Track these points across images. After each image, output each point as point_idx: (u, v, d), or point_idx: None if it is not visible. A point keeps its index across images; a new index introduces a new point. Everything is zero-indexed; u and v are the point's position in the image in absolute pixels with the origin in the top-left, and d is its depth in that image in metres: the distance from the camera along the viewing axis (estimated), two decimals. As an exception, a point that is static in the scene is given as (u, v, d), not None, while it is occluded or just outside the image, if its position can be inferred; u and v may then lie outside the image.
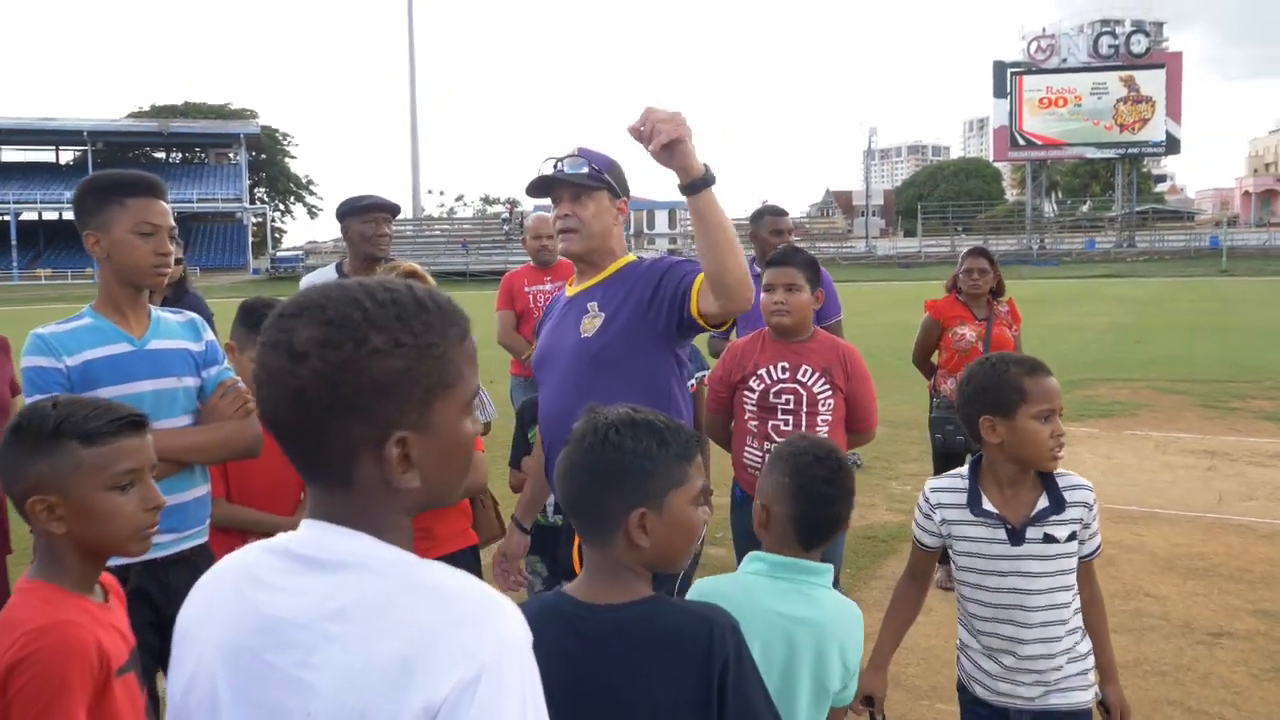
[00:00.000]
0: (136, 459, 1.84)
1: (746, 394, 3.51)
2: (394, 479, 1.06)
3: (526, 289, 5.83)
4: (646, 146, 2.26)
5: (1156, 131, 60.16)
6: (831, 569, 2.03)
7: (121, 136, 76.51)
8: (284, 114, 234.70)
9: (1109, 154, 63.64)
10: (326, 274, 4.62)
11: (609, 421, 1.55)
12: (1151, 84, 59.88)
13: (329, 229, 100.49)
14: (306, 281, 4.63)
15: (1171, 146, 60.98)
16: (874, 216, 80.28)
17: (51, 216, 72.75)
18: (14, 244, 64.32)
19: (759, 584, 1.95)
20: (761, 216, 5.50)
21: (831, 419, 3.44)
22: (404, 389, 1.05)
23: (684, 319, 2.56)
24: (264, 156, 79.97)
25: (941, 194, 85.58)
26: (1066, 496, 2.36)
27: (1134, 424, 9.78)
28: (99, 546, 1.82)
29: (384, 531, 1.08)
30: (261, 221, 74.65)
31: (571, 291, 2.84)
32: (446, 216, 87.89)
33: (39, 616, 1.66)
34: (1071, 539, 2.36)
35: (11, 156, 77.33)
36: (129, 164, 76.74)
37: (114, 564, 2.52)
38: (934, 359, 5.39)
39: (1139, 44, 59.76)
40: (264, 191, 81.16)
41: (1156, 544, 5.88)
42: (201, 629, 1.11)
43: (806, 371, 3.45)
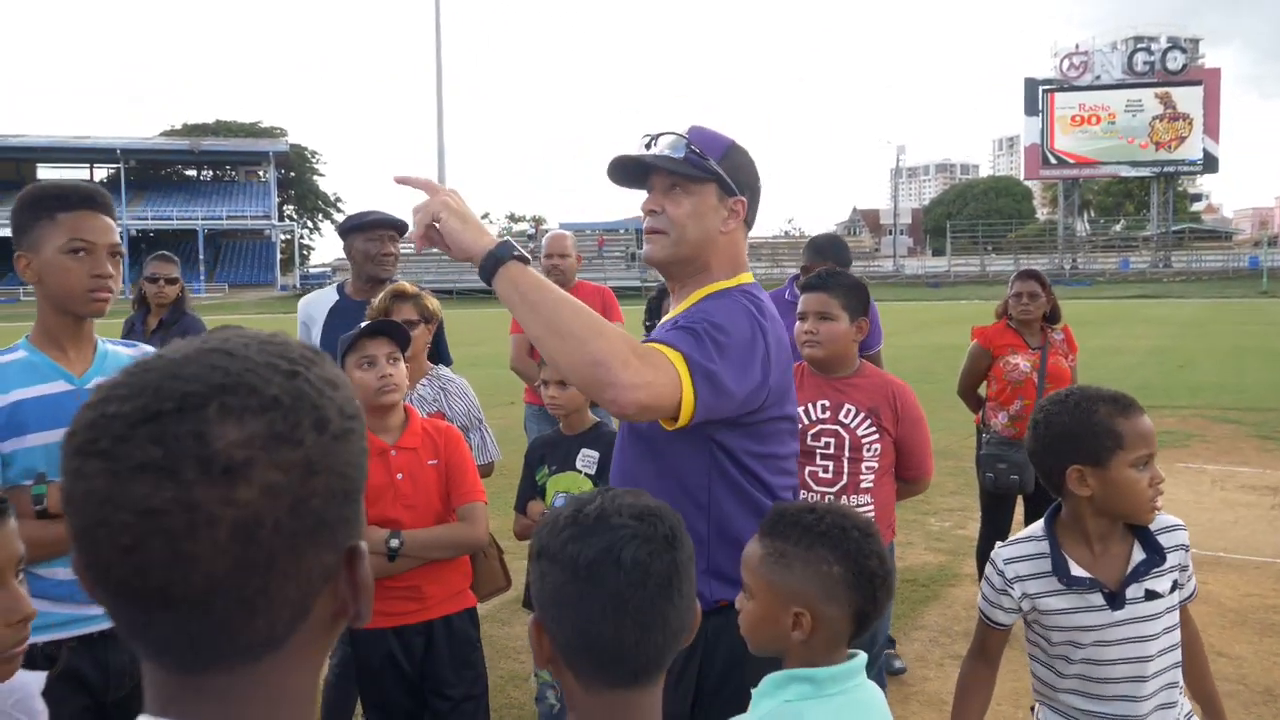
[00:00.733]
0: None
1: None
2: (350, 611, 0.74)
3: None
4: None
5: (1193, 149, 59.15)
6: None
7: (154, 154, 77.18)
8: (313, 132, 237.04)
9: (1144, 172, 62.65)
10: (326, 297, 4.27)
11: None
12: (1188, 101, 58.91)
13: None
14: (304, 304, 4.28)
15: (1209, 165, 59.93)
16: (902, 235, 79.48)
17: (84, 233, 73.41)
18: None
19: (819, 712, 1.50)
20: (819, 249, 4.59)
21: (878, 466, 3.03)
22: (362, 479, 0.76)
23: None
24: (293, 174, 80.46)
25: (971, 213, 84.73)
26: (1163, 541, 2.04)
27: (1187, 456, 9.25)
28: None
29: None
30: (290, 239, 74.99)
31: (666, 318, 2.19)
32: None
33: None
34: (1174, 589, 2.06)
35: (47, 174, 78.25)
36: (161, 181, 77.92)
37: (44, 639, 2.17)
38: (982, 390, 4.95)
39: (1175, 60, 58.84)
40: (293, 209, 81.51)
41: (1225, 594, 5.39)
42: None
43: (849, 412, 3.05)
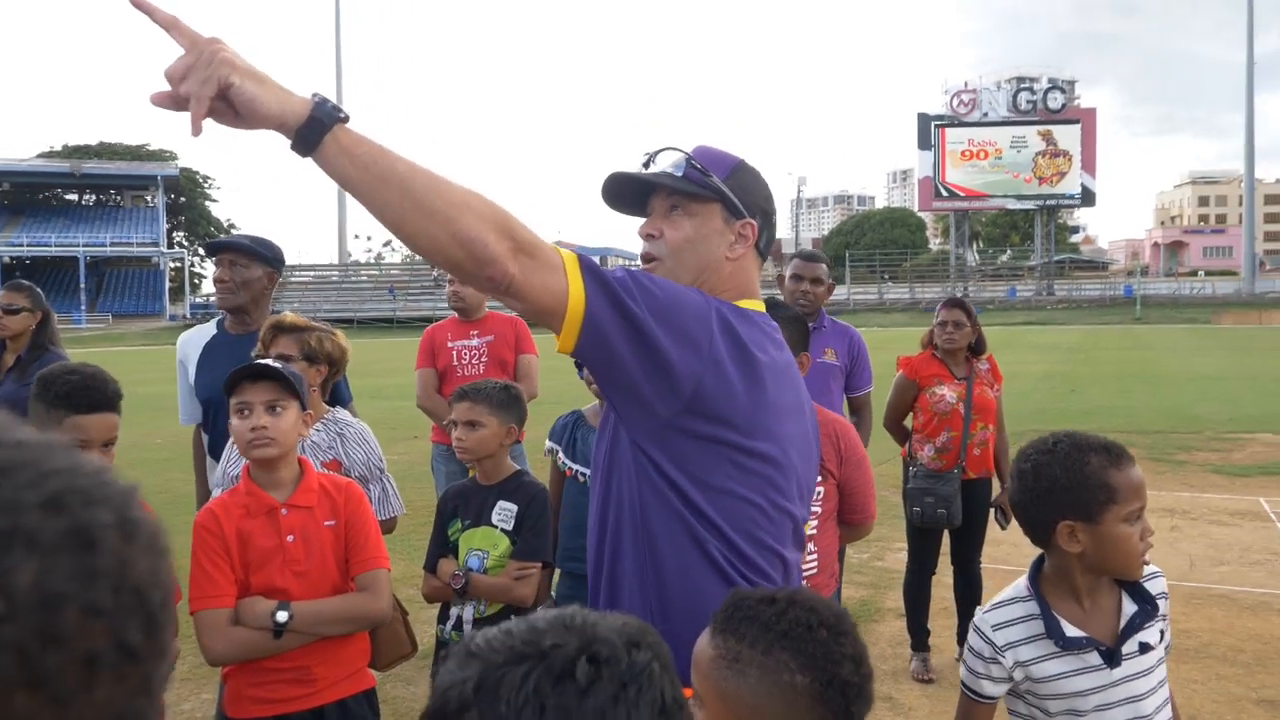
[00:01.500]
0: None
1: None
2: None
3: (450, 344, 5.13)
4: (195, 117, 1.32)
5: (1073, 184, 61.91)
6: None
7: (31, 177, 73.50)
8: (206, 156, 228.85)
9: (1028, 205, 65.30)
10: (204, 332, 3.88)
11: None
12: (1068, 138, 61.73)
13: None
14: (181, 341, 3.89)
15: (1087, 199, 62.78)
16: (791, 268, 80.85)
17: (-46, 258, 69.69)
18: (-89, 288, 61.09)
19: None
20: (792, 259, 4.66)
21: (821, 510, 2.85)
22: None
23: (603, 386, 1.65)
24: (183, 199, 77.73)
25: (868, 242, 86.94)
26: (1150, 588, 1.91)
27: (1088, 481, 9.39)
28: None
29: None
30: (180, 267, 72.30)
31: None
32: (374, 262, 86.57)
33: None
34: (1161, 637, 1.92)
35: (-89, 197, 74.03)
36: (38, 205, 74.42)
37: None
38: (908, 422, 4.84)
39: (1055, 100, 61.66)
40: (183, 236, 78.81)
41: (1143, 622, 5.37)
42: None
43: (789, 453, 2.84)
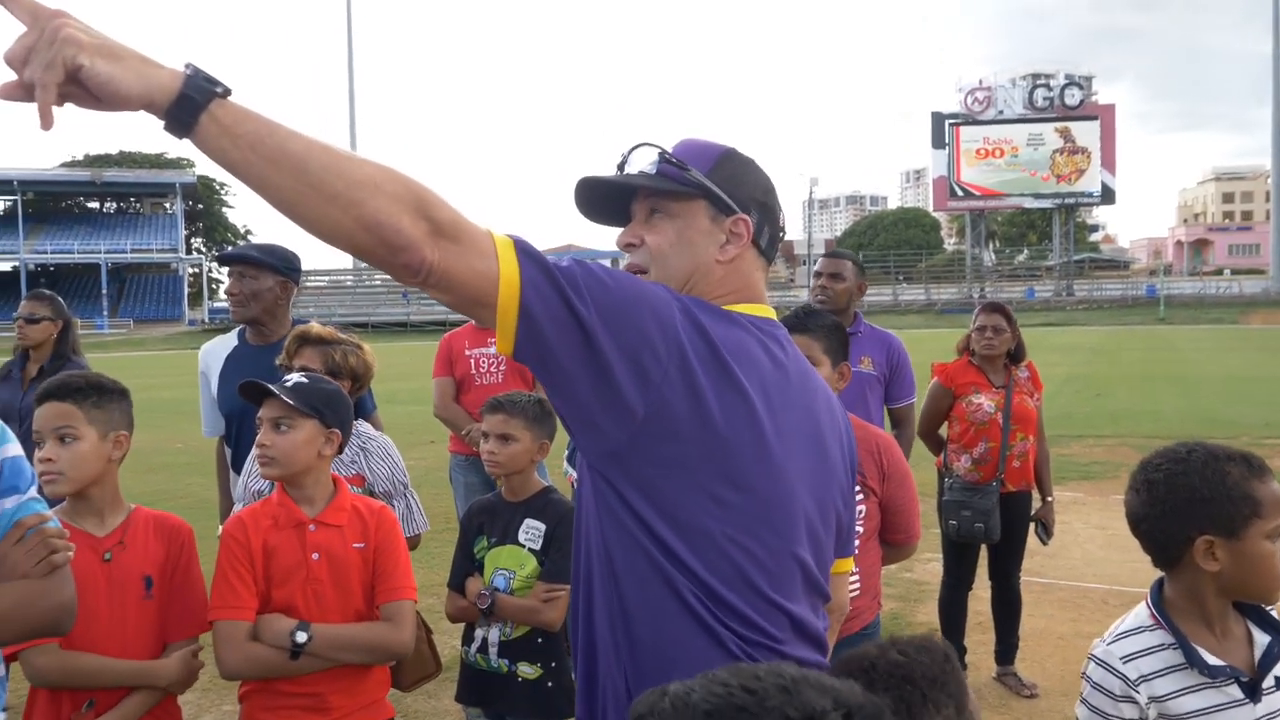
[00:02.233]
0: None
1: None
2: None
3: (467, 352, 5.03)
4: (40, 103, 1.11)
5: (1092, 182, 61.35)
6: None
7: (53, 186, 74.14)
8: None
9: (1046, 204, 64.75)
10: (226, 343, 3.80)
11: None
12: (1086, 135, 61.18)
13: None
14: (203, 352, 3.80)
15: (1107, 197, 62.22)
16: (816, 265, 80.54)
17: (-22, 266, 70.29)
18: (-64, 296, 61.77)
19: None
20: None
21: (863, 530, 2.71)
22: None
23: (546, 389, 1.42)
24: (200, 206, 78.21)
25: (882, 243, 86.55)
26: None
27: (1119, 487, 8.97)
28: None
29: None
30: (198, 272, 72.67)
31: None
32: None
33: None
34: None
35: (-63, 207, 74.73)
36: (61, 214, 75.17)
37: None
38: (943, 431, 4.69)
39: (1073, 96, 61.11)
40: (201, 242, 79.24)
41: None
42: None
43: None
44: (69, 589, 1.82)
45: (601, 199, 1.59)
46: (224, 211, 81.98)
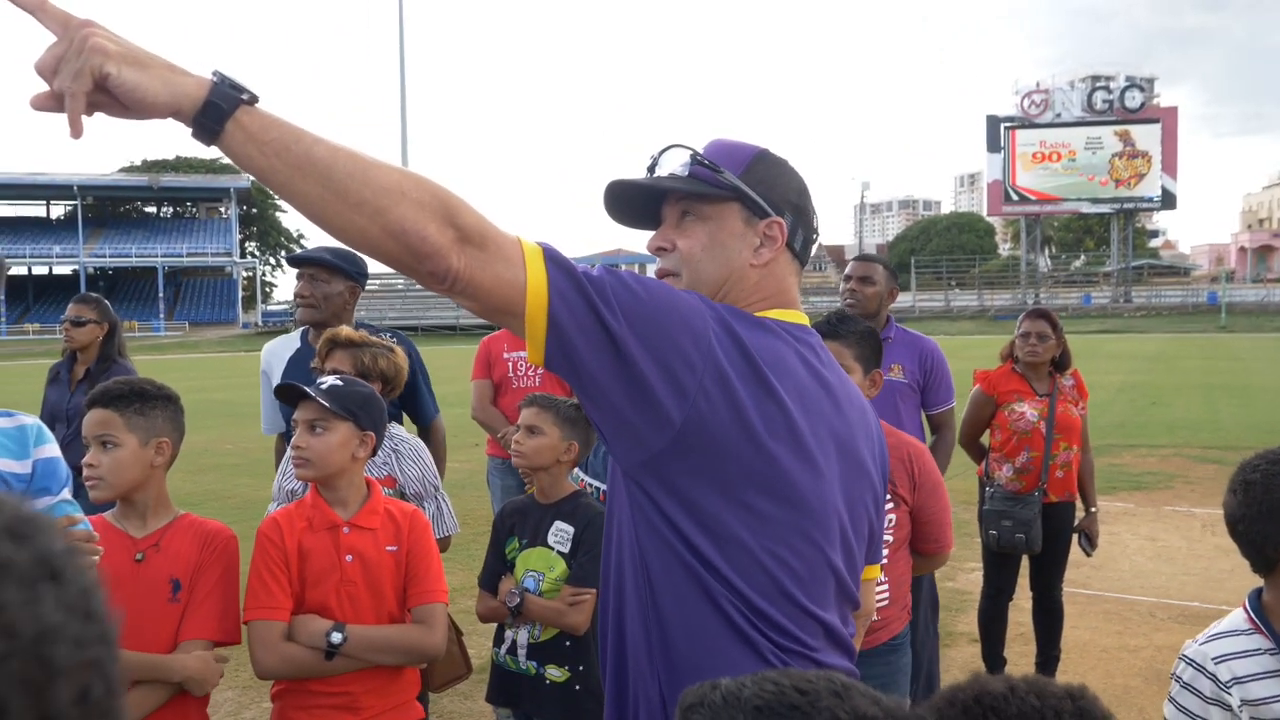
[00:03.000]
0: None
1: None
2: None
3: (506, 355, 5.06)
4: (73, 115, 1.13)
5: (1152, 187, 60.05)
6: None
7: (112, 191, 75.96)
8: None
9: (1104, 209, 63.47)
10: (289, 343, 3.86)
11: None
12: (1147, 139, 59.89)
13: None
14: (265, 351, 3.86)
15: (1167, 201, 60.84)
16: (845, 269, 79.78)
17: (41, 271, 72.18)
18: (2, 299, 63.53)
19: None
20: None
21: (893, 539, 2.67)
22: None
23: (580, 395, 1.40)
24: (254, 210, 79.58)
25: (935, 248, 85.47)
26: None
27: (1172, 498, 8.99)
28: None
29: None
30: (252, 276, 74.05)
31: None
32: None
33: None
34: None
35: (1, 211, 76.91)
36: (119, 218, 76.88)
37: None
38: (984, 440, 4.61)
39: (1134, 99, 59.87)
40: (255, 245, 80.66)
41: (1238, 653, 5.07)
42: None
43: (859, 477, 2.67)
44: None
45: (632, 202, 1.56)
46: (277, 215, 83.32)
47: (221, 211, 76.72)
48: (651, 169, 1.54)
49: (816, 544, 1.41)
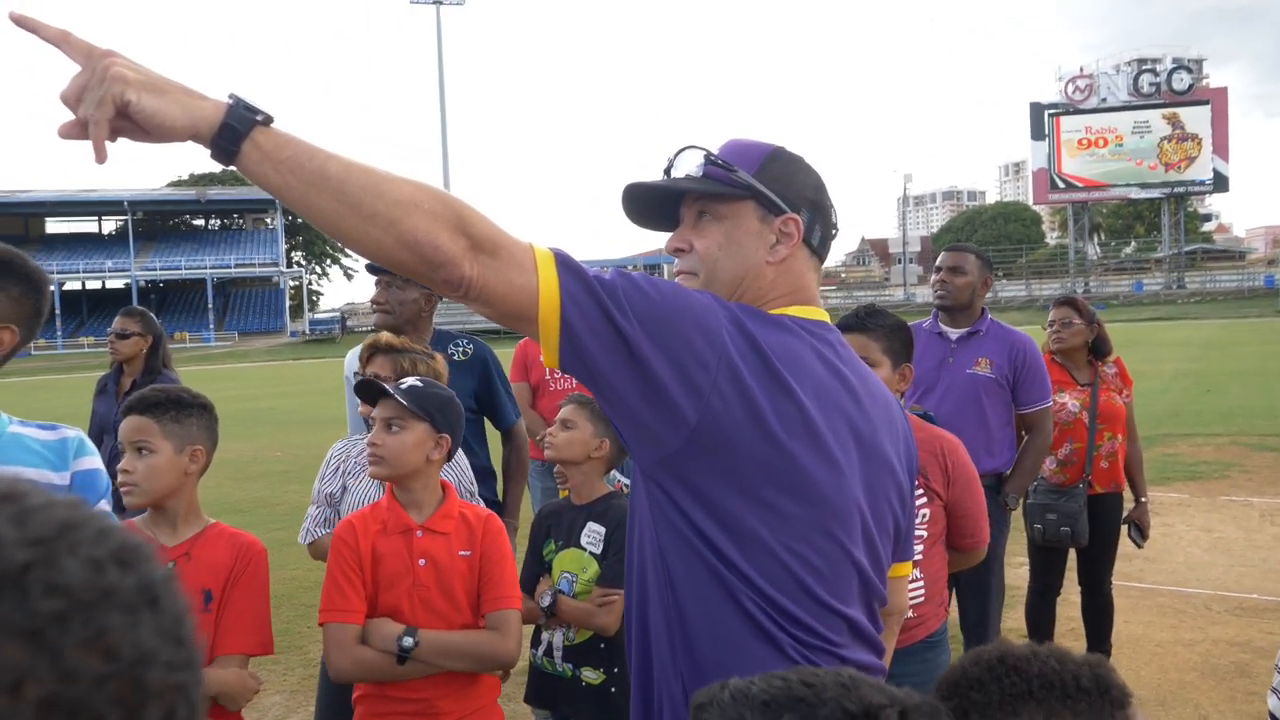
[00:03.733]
0: None
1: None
2: None
3: (543, 357, 5.07)
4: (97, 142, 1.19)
5: (1204, 169, 58.79)
6: None
7: (161, 205, 77.64)
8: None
9: (1154, 194, 62.26)
10: None
11: None
12: (1196, 121, 58.64)
13: (365, 290, 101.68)
14: (350, 356, 3.87)
15: (1219, 184, 59.54)
16: (911, 264, 79.18)
17: (94, 286, 73.95)
18: (58, 313, 65.15)
19: None
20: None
21: (927, 534, 2.62)
22: None
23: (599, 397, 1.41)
24: (299, 220, 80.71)
25: (980, 239, 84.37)
26: None
27: (1228, 488, 8.77)
28: None
29: None
30: (298, 285, 75.16)
31: None
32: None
33: None
34: None
35: (56, 228, 78.77)
36: (169, 232, 78.55)
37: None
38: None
39: (1181, 81, 58.64)
40: (300, 255, 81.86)
41: (1299, 646, 4.93)
42: None
43: (892, 472, 2.63)
44: None
45: (650, 205, 1.58)
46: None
47: (267, 222, 78.02)
48: (668, 171, 1.55)
49: (838, 540, 1.40)
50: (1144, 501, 4.45)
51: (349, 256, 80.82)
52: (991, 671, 1.01)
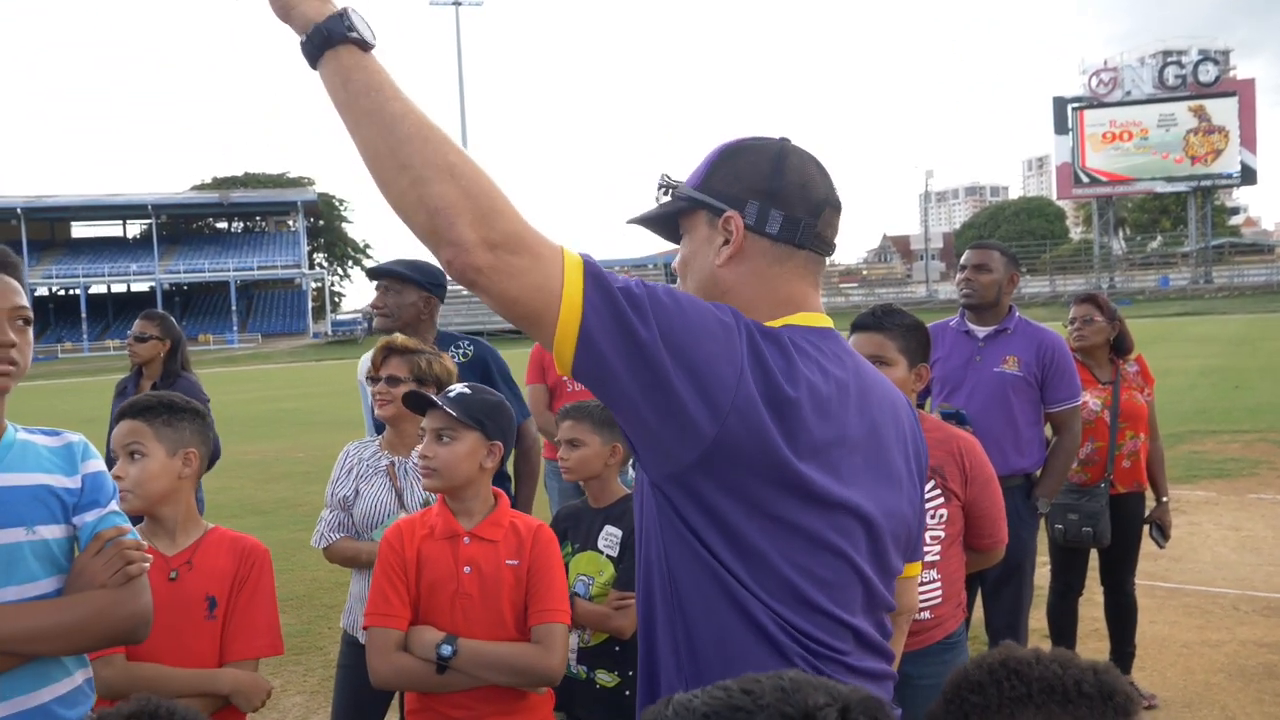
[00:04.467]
0: None
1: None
2: None
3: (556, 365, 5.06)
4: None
5: (1230, 163, 58.05)
6: None
7: (185, 208, 78.27)
8: (340, 180, 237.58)
9: (1179, 187, 61.55)
10: None
11: None
12: (1223, 113, 57.87)
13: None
14: (363, 361, 3.92)
15: (1247, 177, 58.79)
16: (934, 260, 78.71)
17: (120, 289, 74.67)
18: (84, 316, 65.86)
19: None
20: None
21: (944, 535, 2.60)
22: None
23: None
24: (322, 222, 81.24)
25: (1003, 235, 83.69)
26: None
27: (1258, 486, 8.66)
28: None
29: None
30: (321, 286, 75.61)
31: None
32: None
33: None
34: None
35: (81, 232, 79.50)
36: (192, 235, 79.19)
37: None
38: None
39: (1207, 72, 57.90)
40: (323, 257, 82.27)
41: (1331, 647, 4.85)
42: None
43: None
44: (145, 598, 1.88)
45: (660, 229, 1.60)
46: (344, 227, 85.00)
47: (290, 225, 78.51)
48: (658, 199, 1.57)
49: (844, 554, 1.38)
50: (1165, 501, 4.39)
51: (370, 258, 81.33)
52: (992, 675, 1.00)
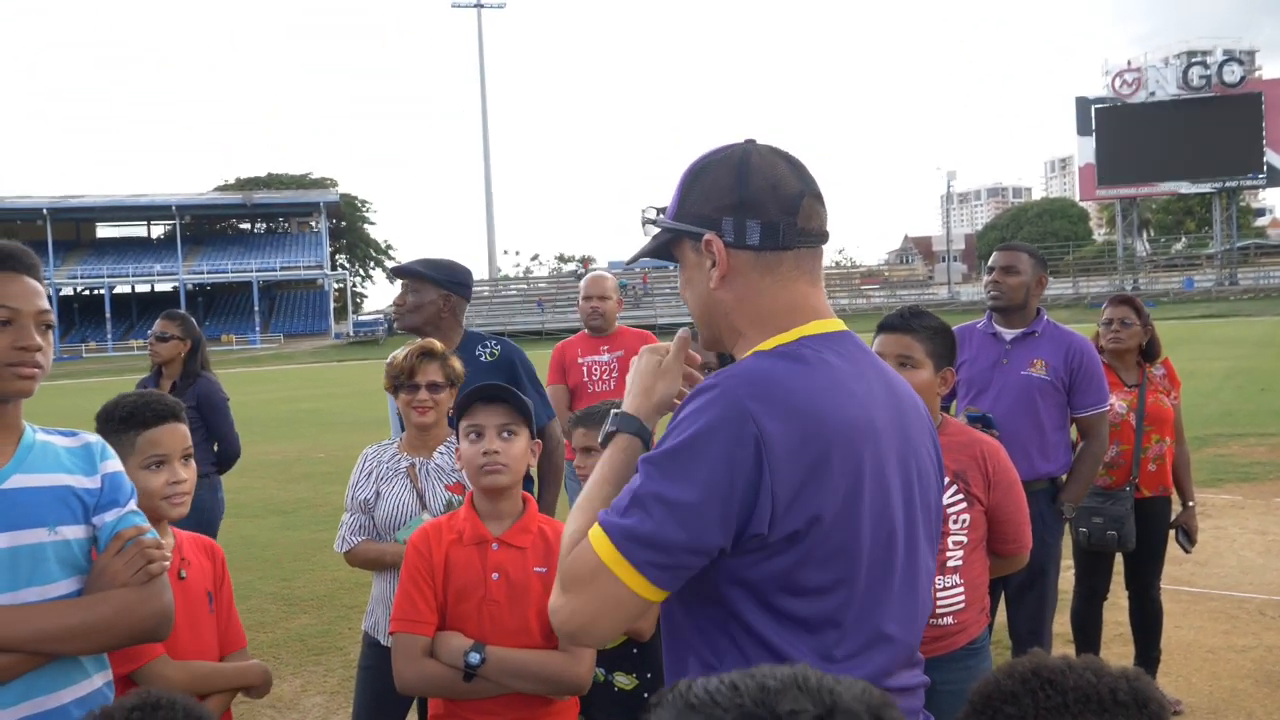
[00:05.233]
0: None
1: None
2: None
3: (580, 360, 5.07)
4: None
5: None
6: None
7: (208, 209, 78.99)
8: (362, 181, 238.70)
9: (1204, 189, 60.95)
10: None
11: None
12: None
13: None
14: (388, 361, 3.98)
15: (1273, 178, 58.11)
16: (955, 261, 78.26)
17: (144, 289, 75.39)
18: (108, 316, 66.47)
19: None
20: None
21: (967, 540, 2.57)
22: None
23: None
24: (344, 223, 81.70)
25: (1026, 236, 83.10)
26: None
27: (1283, 489, 8.55)
28: None
29: None
30: (343, 287, 76.00)
31: None
32: (522, 276, 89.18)
33: None
34: None
35: (106, 233, 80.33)
36: (216, 235, 79.72)
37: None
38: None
39: (1232, 73, 57.25)
40: (345, 258, 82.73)
41: (1360, 654, 4.78)
42: None
43: (931, 476, 2.57)
44: (166, 596, 1.89)
45: (666, 258, 1.59)
46: (366, 228, 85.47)
47: (312, 225, 78.96)
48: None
49: (867, 610, 1.38)
50: (1191, 506, 4.34)
51: (392, 259, 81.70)
52: (1026, 685, 0.98)
